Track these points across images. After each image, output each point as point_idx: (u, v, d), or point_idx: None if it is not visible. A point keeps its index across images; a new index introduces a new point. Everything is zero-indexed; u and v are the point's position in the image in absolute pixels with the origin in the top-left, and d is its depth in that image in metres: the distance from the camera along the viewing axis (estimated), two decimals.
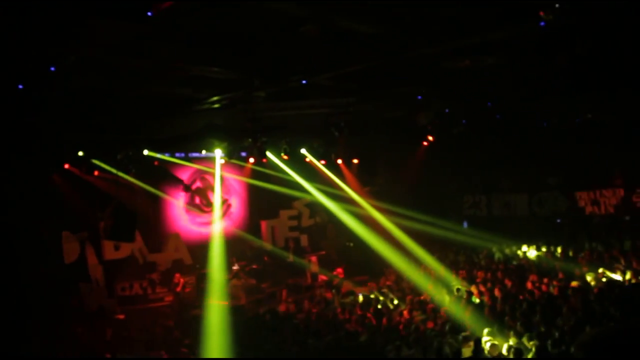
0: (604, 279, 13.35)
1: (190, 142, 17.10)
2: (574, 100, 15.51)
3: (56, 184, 15.65)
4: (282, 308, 15.19)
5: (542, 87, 14.06)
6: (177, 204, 19.45)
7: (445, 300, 13.55)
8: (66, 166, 15.61)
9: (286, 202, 21.39)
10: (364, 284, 17.99)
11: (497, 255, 17.89)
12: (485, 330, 10.45)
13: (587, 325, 9.39)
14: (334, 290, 16.58)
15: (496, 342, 9.85)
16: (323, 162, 20.22)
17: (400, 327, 11.86)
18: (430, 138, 18.87)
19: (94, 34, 8.34)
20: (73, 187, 15.88)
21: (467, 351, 9.86)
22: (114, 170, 15.86)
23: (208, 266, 18.00)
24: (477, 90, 14.54)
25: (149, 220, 18.03)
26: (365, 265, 19.11)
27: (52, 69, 9.54)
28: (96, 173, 16.21)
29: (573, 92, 14.30)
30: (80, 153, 15.19)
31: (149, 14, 7.41)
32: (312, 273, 19.72)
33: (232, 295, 16.61)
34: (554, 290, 12.66)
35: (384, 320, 12.44)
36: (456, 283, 14.85)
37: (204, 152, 17.88)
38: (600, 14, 9.10)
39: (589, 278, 13.53)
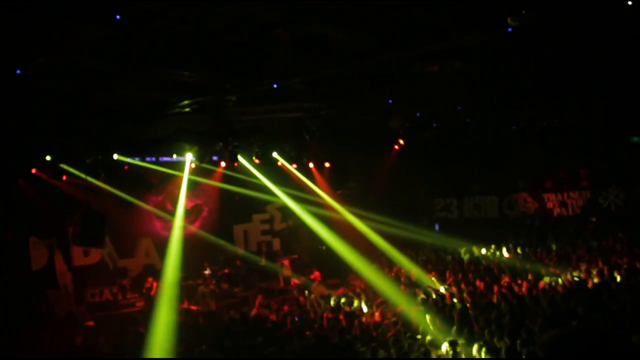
0: (571, 279, 13.60)
1: (160, 146, 16.92)
2: (541, 105, 15.82)
3: (23, 188, 15.37)
4: (254, 312, 15.13)
5: (510, 92, 14.30)
6: (147, 209, 19.23)
7: (416, 303, 13.65)
8: (33, 171, 15.33)
9: (259, 206, 21.32)
10: (336, 287, 18.04)
11: (466, 256, 18.10)
12: (455, 329, 10.58)
13: (554, 324, 9.55)
14: (306, 293, 16.58)
15: (466, 342, 9.98)
16: (295, 165, 20.22)
17: (372, 330, 11.90)
18: (402, 142, 19.03)
19: (61, 36, 8.24)
20: (40, 192, 15.61)
21: (435, 353, 9.94)
22: (82, 175, 15.63)
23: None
24: (447, 95, 14.72)
25: (119, 225, 17.78)
26: (338, 268, 19.14)
27: (18, 71, 9.39)
28: (64, 178, 15.95)
29: (540, 97, 14.60)
30: (48, 158, 14.93)
31: (117, 17, 7.35)
32: (284, 277, 19.70)
33: (201, 301, 16.49)
34: (522, 291, 12.84)
35: (356, 323, 12.47)
36: (428, 284, 14.98)
37: (174, 156, 17.73)
38: (566, 20, 9.31)
39: (556, 278, 13.78)
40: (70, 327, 14.13)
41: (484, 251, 18.30)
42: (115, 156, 15.88)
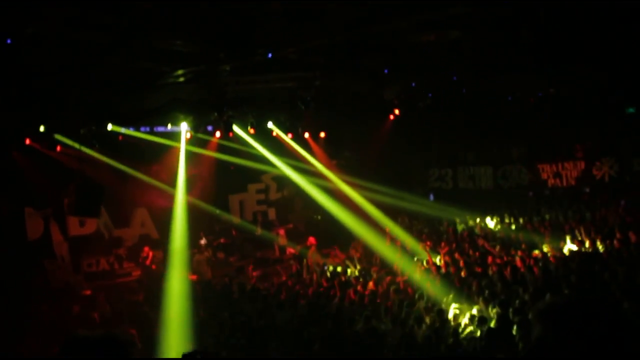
0: (564, 249, 13.74)
1: (155, 116, 16.83)
2: (537, 75, 15.75)
3: (17, 159, 15.31)
4: (251, 281, 15.29)
5: (506, 62, 14.22)
6: (142, 179, 19.21)
7: (412, 271, 13.79)
8: (27, 141, 15.26)
9: (254, 176, 21.34)
10: (331, 256, 18.18)
11: (461, 226, 18.20)
12: (450, 298, 10.73)
13: (547, 293, 9.67)
14: (304, 262, 16.69)
15: (459, 310, 10.13)
16: (290, 135, 20.18)
17: (366, 299, 12.02)
18: (397, 112, 18.97)
19: (49, 6, 8.13)
20: (35, 163, 15.58)
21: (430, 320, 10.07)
22: (77, 146, 15.57)
23: (173, 240, 17.99)
24: (443, 65, 14.63)
25: (114, 195, 17.78)
26: (333, 237, 19.27)
27: (9, 41, 9.28)
28: (59, 148, 15.89)
29: (536, 67, 14.52)
30: (42, 128, 14.84)
31: None
32: (280, 246, 19.81)
33: (197, 270, 16.62)
34: (516, 260, 12.95)
35: (351, 292, 12.60)
36: (422, 254, 15.10)
37: (169, 126, 17.64)
38: None
39: (549, 248, 13.90)
40: (68, 296, 14.21)
41: (478, 221, 18.41)
42: (110, 126, 15.80)
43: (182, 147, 18.42)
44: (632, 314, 7.23)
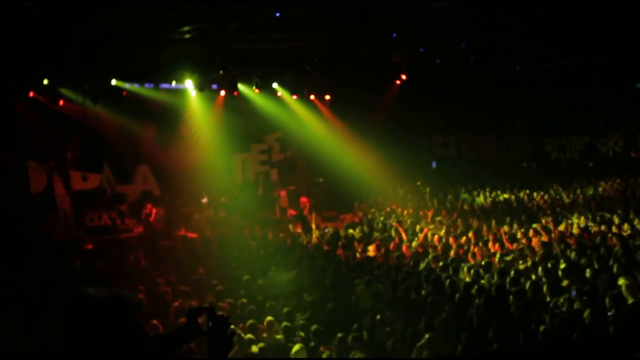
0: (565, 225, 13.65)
1: (159, 72, 16.69)
2: (547, 46, 15.55)
3: (20, 112, 15.24)
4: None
5: (517, 31, 14.03)
6: (145, 134, 19.18)
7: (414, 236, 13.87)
8: (31, 94, 15.15)
9: (257, 136, 21.26)
10: (332, 219, 18.28)
11: (464, 195, 18.14)
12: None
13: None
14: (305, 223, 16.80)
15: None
16: (294, 97, 20.03)
17: (368, 262, 12.09)
18: (403, 77, 18.80)
19: None
20: (38, 116, 15.50)
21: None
22: (81, 100, 15.48)
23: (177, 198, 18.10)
24: (453, 32, 14.43)
25: (117, 151, 17.80)
26: (334, 200, 19.33)
27: None
28: (62, 102, 15.80)
29: (547, 38, 14.32)
30: (46, 81, 14.72)
31: None
32: (281, 207, 19.87)
33: (198, 228, 16.73)
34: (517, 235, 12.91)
35: (352, 255, 12.67)
36: (423, 224, 15.09)
37: (174, 83, 17.49)
38: None
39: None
40: (70, 250, 14.31)
41: (482, 193, 18.26)
42: (114, 82, 15.67)
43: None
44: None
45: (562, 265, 9.97)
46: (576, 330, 6.63)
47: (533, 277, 9.72)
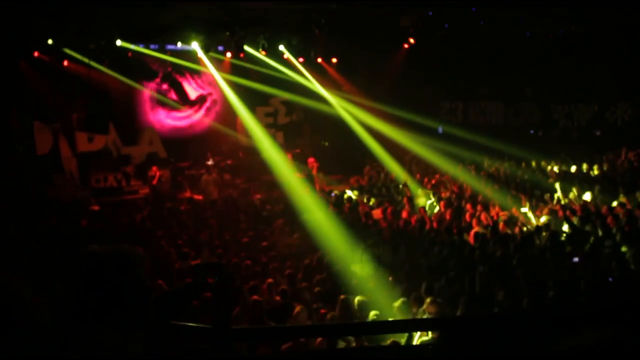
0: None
1: (165, 33, 16.52)
2: (559, 11, 15.28)
3: (25, 72, 15.16)
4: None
5: None
6: (152, 96, 19.13)
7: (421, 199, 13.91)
8: (35, 54, 15.06)
9: (262, 98, 21.12)
10: (338, 182, 18.31)
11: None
12: None
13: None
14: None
15: None
16: (301, 59, 19.85)
17: (371, 224, 12.13)
18: (412, 41, 18.56)
19: None
20: (44, 76, 15.44)
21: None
22: (86, 60, 15.38)
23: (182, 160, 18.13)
24: None
25: (123, 112, 17.77)
26: (340, 164, 19.32)
27: None
28: (65, 63, 15.70)
29: (559, 3, 14.07)
30: (50, 41, 14.60)
31: None
32: None
33: (205, 190, 16.79)
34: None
35: (357, 218, 12.71)
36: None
37: (179, 44, 17.34)
38: None
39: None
40: (76, 211, 14.41)
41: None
42: (119, 42, 15.53)
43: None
44: None
45: (567, 232, 10.03)
46: (578, 296, 6.72)
47: (537, 242, 9.78)
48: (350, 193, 15.70)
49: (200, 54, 17.68)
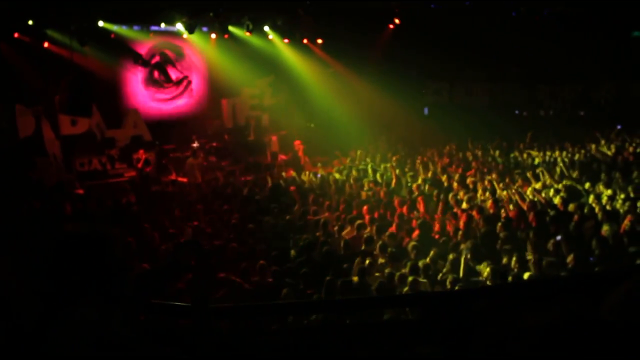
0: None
1: (149, 14, 16.32)
2: None
3: (6, 53, 14.93)
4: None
5: None
6: (135, 78, 18.96)
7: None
8: (16, 35, 14.82)
9: (248, 80, 20.99)
10: (324, 164, 18.29)
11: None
12: None
13: None
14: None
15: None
16: (286, 40, 19.74)
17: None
18: (397, 21, 18.50)
19: None
20: (25, 58, 15.22)
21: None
22: (67, 41, 15.17)
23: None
24: None
25: (106, 95, 17.59)
26: (326, 146, 19.29)
27: None
28: (46, 44, 15.48)
29: None
30: (30, 22, 14.37)
31: None
32: (272, 152, 19.83)
33: (190, 173, 16.72)
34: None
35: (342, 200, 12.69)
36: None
37: (163, 25, 17.15)
38: None
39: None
40: (60, 194, 14.29)
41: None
42: (101, 23, 15.32)
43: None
44: None
45: (551, 213, 10.09)
46: (561, 272, 6.83)
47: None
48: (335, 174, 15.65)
49: (185, 35, 17.50)
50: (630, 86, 19.40)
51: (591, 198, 10.48)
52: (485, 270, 7.10)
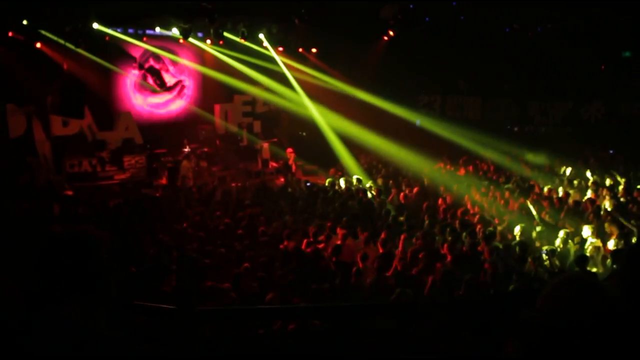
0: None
1: (144, 18, 16.34)
2: (538, 9, 15.46)
3: None
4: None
5: None
6: (128, 81, 18.96)
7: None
8: (9, 34, 14.78)
9: (241, 86, 21.00)
10: (313, 173, 18.35)
11: None
12: None
13: None
14: (289, 176, 16.89)
15: None
16: (281, 48, 19.82)
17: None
18: (391, 33, 18.62)
19: None
20: (17, 58, 15.19)
21: None
22: (61, 41, 15.14)
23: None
24: None
25: (99, 96, 17.56)
26: (317, 155, 19.32)
27: None
28: (39, 45, 15.47)
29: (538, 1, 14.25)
30: (25, 22, 14.34)
31: None
32: (263, 159, 19.83)
33: (182, 176, 16.71)
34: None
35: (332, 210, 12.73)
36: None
37: (158, 29, 17.17)
38: None
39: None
40: (49, 195, 14.22)
41: None
42: (96, 25, 15.32)
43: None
44: None
45: (539, 229, 10.19)
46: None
47: (509, 237, 9.95)
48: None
49: (180, 40, 17.53)
50: (620, 105, 19.62)
51: None
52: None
